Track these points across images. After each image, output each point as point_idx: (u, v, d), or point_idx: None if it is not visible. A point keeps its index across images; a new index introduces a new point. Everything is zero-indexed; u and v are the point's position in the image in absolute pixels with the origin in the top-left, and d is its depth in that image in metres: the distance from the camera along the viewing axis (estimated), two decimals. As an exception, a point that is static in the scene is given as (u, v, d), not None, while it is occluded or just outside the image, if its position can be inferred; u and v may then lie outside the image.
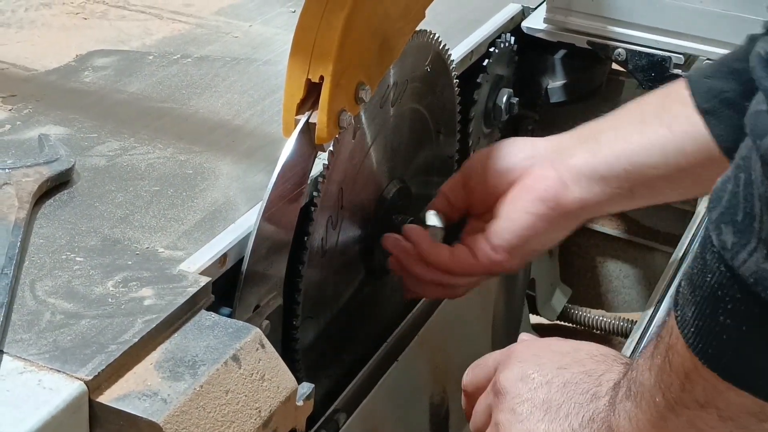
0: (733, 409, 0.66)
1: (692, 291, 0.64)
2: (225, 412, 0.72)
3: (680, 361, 0.67)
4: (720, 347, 0.63)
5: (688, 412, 0.69)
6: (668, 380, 0.69)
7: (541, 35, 1.36)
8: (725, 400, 0.66)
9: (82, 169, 0.94)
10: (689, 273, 0.65)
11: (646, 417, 0.73)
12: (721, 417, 0.67)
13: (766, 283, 0.58)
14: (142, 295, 0.78)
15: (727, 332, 0.62)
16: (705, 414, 0.67)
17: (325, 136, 0.88)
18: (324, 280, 1.00)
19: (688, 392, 0.68)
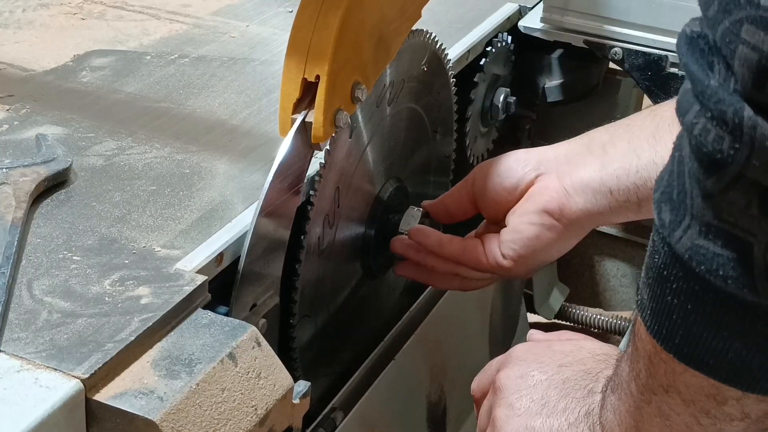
0: (692, 392, 0.66)
1: (646, 273, 0.65)
2: (221, 410, 0.73)
3: (643, 346, 0.68)
4: (671, 327, 0.63)
5: (656, 398, 0.69)
6: (637, 367, 0.70)
7: (537, 34, 1.36)
8: (684, 382, 0.66)
9: (80, 168, 0.94)
10: (646, 257, 0.66)
11: (625, 408, 0.73)
12: (684, 401, 0.67)
13: (700, 259, 0.58)
14: (138, 293, 0.78)
15: (675, 312, 0.62)
16: (670, 399, 0.68)
17: (321, 135, 0.88)
18: (321, 278, 1.01)
19: (653, 377, 0.68)
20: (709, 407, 0.66)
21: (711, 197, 0.57)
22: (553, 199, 0.99)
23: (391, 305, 1.17)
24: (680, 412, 0.68)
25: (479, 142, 1.33)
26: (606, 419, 0.77)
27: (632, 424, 0.73)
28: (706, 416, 0.67)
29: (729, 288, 0.58)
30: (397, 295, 1.18)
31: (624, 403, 0.73)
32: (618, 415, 0.75)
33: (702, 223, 0.58)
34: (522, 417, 0.84)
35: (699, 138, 0.55)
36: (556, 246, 1.02)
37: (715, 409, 0.66)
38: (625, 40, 1.32)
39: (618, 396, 0.75)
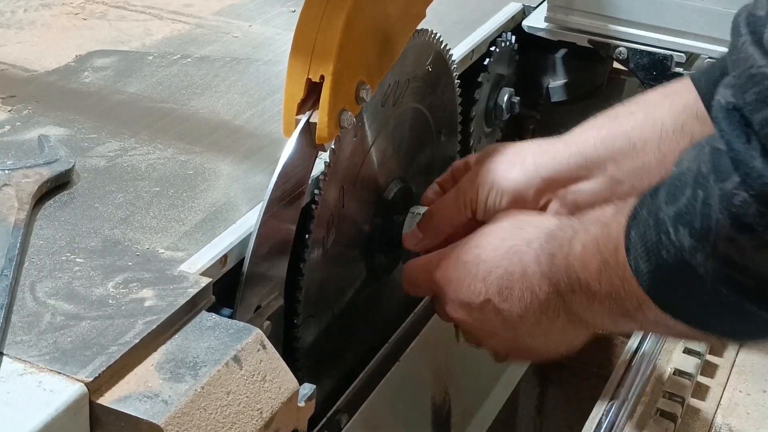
0: (650, 322, 0.78)
1: (647, 254, 0.72)
2: (226, 414, 0.72)
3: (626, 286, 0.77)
4: (672, 301, 0.74)
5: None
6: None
7: (541, 34, 1.36)
8: (649, 318, 0.77)
9: (82, 169, 0.94)
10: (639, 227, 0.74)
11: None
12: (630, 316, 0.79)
13: (725, 281, 0.66)
14: (142, 296, 0.78)
15: (679, 297, 0.73)
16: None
17: (325, 135, 0.88)
18: (325, 279, 1.00)
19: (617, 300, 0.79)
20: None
21: (742, 249, 0.64)
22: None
23: (396, 306, 1.16)
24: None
25: (483, 143, 1.33)
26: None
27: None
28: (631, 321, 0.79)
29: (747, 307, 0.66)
30: (401, 296, 1.17)
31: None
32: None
33: (727, 262, 0.65)
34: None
35: (739, 208, 0.62)
36: None
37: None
38: (629, 39, 1.31)
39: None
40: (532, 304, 0.87)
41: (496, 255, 0.90)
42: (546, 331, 0.88)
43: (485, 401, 1.31)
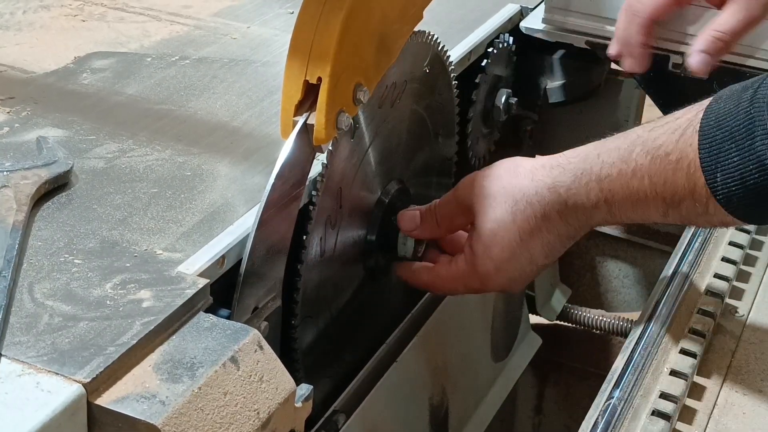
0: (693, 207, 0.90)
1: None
2: (223, 414, 0.72)
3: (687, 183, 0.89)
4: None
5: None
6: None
7: (539, 35, 1.36)
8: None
9: (81, 171, 0.94)
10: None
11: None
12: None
13: None
14: (140, 297, 0.78)
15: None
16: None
17: (323, 137, 0.88)
18: (323, 280, 1.00)
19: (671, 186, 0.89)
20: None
21: None
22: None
23: (393, 307, 1.16)
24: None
25: (481, 144, 1.33)
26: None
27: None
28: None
29: None
30: (399, 296, 1.17)
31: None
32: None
33: None
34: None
35: None
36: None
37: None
38: (627, 40, 1.31)
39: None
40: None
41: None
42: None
43: (483, 402, 1.31)
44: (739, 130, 0.83)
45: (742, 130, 0.83)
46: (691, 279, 1.08)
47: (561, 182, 0.94)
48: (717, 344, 1.02)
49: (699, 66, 1.14)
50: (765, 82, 0.84)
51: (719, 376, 0.98)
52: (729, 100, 0.85)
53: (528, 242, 0.97)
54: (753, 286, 1.11)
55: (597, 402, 0.92)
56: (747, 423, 0.93)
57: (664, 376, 0.95)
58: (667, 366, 0.96)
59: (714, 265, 1.11)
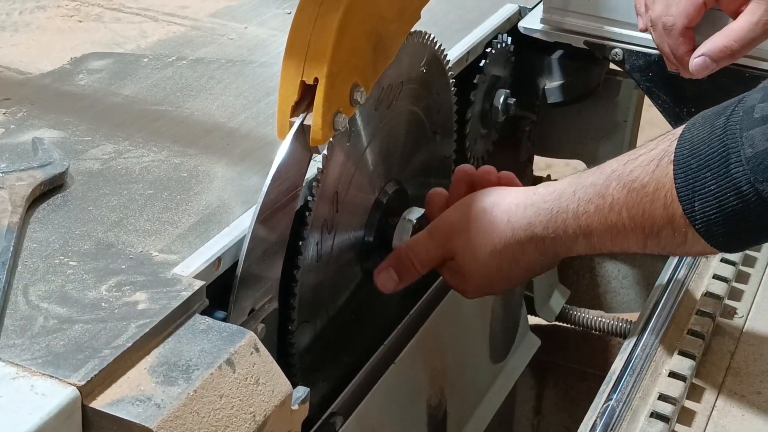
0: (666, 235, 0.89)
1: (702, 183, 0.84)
2: (219, 417, 0.72)
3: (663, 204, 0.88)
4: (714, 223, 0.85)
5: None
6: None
7: (538, 35, 1.36)
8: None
9: (76, 172, 0.94)
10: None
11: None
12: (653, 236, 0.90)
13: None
14: (135, 299, 0.77)
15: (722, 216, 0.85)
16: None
17: (319, 138, 0.87)
18: (320, 283, 1.00)
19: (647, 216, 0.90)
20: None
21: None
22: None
23: (391, 309, 1.16)
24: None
25: (479, 144, 1.33)
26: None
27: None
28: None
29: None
30: (396, 298, 1.17)
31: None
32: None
33: None
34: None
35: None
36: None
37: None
38: (625, 41, 1.31)
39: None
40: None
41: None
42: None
43: (481, 403, 1.30)
44: (714, 158, 0.83)
45: (717, 157, 0.83)
46: (689, 280, 1.08)
47: (537, 222, 0.95)
48: (716, 346, 1.02)
49: (698, 69, 1.13)
50: (737, 107, 0.84)
51: (718, 378, 0.98)
52: (702, 128, 0.85)
53: (507, 271, 0.99)
54: (752, 287, 1.11)
55: (595, 404, 0.91)
56: (746, 425, 0.93)
57: (662, 378, 0.95)
58: (666, 367, 0.96)
59: (713, 266, 1.11)
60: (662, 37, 1.17)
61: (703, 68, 1.13)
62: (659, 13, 1.16)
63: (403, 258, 1.04)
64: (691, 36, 1.16)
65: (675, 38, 1.15)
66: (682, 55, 1.15)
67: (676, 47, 1.16)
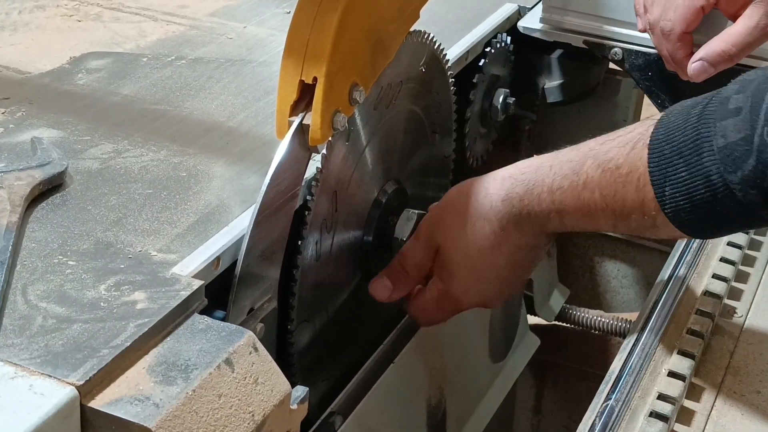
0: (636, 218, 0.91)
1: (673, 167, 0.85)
2: (218, 417, 0.72)
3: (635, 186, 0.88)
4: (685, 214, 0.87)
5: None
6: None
7: (537, 35, 1.36)
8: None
9: (75, 172, 0.93)
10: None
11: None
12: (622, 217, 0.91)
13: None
14: (134, 298, 0.77)
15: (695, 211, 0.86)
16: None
17: (318, 137, 0.87)
18: (319, 283, 1.00)
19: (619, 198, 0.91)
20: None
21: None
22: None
23: (391, 308, 1.16)
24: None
25: (479, 143, 1.33)
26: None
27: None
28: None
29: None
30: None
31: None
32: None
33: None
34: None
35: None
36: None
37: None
38: (625, 40, 1.31)
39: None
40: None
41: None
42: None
43: (481, 403, 1.30)
44: (687, 146, 0.84)
45: (690, 145, 0.83)
46: (689, 280, 1.08)
47: (514, 193, 0.95)
48: (715, 345, 1.02)
49: (696, 74, 1.13)
50: (714, 98, 0.84)
51: (717, 377, 0.98)
52: (679, 115, 0.86)
53: (490, 259, 0.98)
54: (752, 286, 1.11)
55: (594, 404, 0.91)
56: (745, 424, 0.93)
57: (662, 378, 0.95)
58: (665, 367, 0.96)
59: (712, 265, 1.10)
60: (660, 41, 1.17)
61: (701, 72, 1.13)
62: (657, 17, 1.16)
63: (394, 264, 1.04)
64: (689, 40, 1.16)
65: (673, 43, 1.15)
66: (680, 59, 1.16)
67: (675, 51, 1.16)
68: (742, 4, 1.10)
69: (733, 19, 1.12)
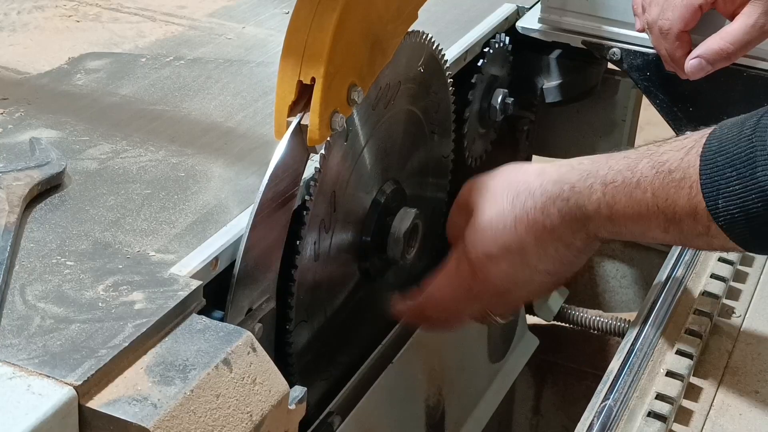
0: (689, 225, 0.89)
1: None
2: (216, 417, 0.72)
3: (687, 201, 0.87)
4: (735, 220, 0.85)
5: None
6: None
7: (535, 35, 1.36)
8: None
9: (74, 172, 0.93)
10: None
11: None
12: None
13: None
14: (132, 299, 0.77)
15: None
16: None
17: (317, 137, 0.87)
18: (318, 283, 1.00)
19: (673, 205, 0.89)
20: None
21: None
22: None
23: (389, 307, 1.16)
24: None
25: (477, 144, 1.33)
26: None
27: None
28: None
29: None
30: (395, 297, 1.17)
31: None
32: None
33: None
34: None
35: None
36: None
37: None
38: (623, 40, 1.31)
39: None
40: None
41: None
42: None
43: (480, 403, 1.31)
44: (741, 158, 0.83)
45: (743, 158, 0.82)
46: (687, 279, 1.08)
47: (567, 179, 0.93)
48: (713, 345, 1.02)
49: (693, 71, 1.14)
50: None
51: (716, 377, 0.98)
52: (733, 127, 0.85)
53: (523, 236, 0.94)
54: (750, 286, 1.11)
55: (592, 403, 0.91)
56: (744, 424, 0.93)
57: (660, 377, 0.95)
58: (664, 367, 0.96)
59: (711, 265, 1.10)
60: (659, 40, 1.17)
61: (698, 70, 1.13)
62: (655, 17, 1.16)
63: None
64: (688, 39, 1.16)
65: (671, 42, 1.15)
66: (678, 58, 1.16)
67: (673, 50, 1.16)
68: (740, 3, 1.10)
69: (731, 18, 1.12)
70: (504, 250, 0.95)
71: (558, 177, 0.94)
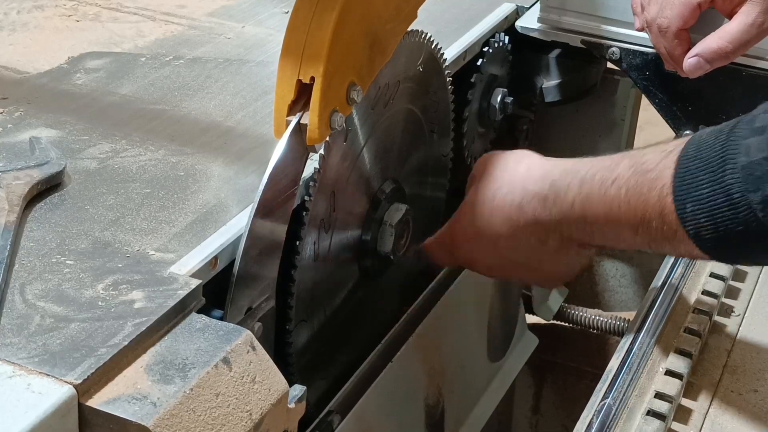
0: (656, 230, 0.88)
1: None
2: (215, 415, 0.72)
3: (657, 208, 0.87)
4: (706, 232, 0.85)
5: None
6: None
7: (535, 35, 1.36)
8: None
9: (73, 171, 0.94)
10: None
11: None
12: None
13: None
14: (132, 298, 0.77)
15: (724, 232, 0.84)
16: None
17: (316, 137, 0.87)
18: (317, 283, 1.00)
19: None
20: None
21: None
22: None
23: (389, 307, 1.16)
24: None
25: (477, 143, 1.33)
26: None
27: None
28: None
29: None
30: (394, 296, 1.17)
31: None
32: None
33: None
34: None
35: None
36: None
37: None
38: (622, 39, 1.32)
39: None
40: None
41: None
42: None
43: (479, 402, 1.31)
44: (713, 162, 0.83)
45: (715, 162, 0.82)
46: (687, 278, 1.08)
47: (549, 176, 0.95)
48: (713, 344, 1.02)
49: (692, 69, 1.14)
50: (744, 117, 0.84)
51: (715, 376, 0.98)
52: (712, 133, 0.85)
53: (497, 227, 0.98)
54: (749, 285, 1.11)
55: (592, 402, 0.92)
56: (743, 423, 0.93)
57: (659, 376, 0.95)
58: (663, 366, 0.96)
59: (710, 264, 1.11)
60: (658, 38, 1.17)
61: (696, 68, 1.14)
62: (654, 15, 1.16)
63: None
64: (687, 37, 1.16)
65: (670, 40, 1.15)
66: (677, 56, 1.16)
67: (672, 48, 1.16)
68: (739, 2, 1.10)
69: (729, 16, 1.13)
70: (479, 233, 1.00)
71: (542, 174, 0.96)
